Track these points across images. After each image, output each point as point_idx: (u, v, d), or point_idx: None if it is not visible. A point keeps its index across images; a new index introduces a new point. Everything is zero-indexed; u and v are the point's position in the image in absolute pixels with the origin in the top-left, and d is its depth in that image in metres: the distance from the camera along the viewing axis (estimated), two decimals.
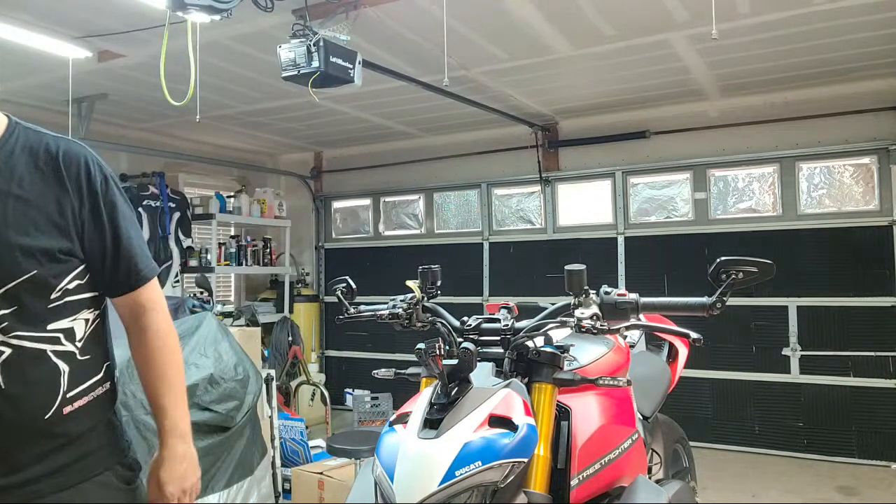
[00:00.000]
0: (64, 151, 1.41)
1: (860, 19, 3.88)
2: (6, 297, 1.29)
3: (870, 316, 5.10)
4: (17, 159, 1.37)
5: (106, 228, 1.43)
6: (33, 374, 1.31)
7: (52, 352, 1.33)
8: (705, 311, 1.60)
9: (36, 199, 1.35)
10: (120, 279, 1.46)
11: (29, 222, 1.33)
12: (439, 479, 1.33)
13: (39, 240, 1.33)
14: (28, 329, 1.31)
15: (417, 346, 1.57)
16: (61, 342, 1.35)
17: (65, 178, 1.39)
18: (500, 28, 3.94)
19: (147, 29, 3.73)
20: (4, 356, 1.28)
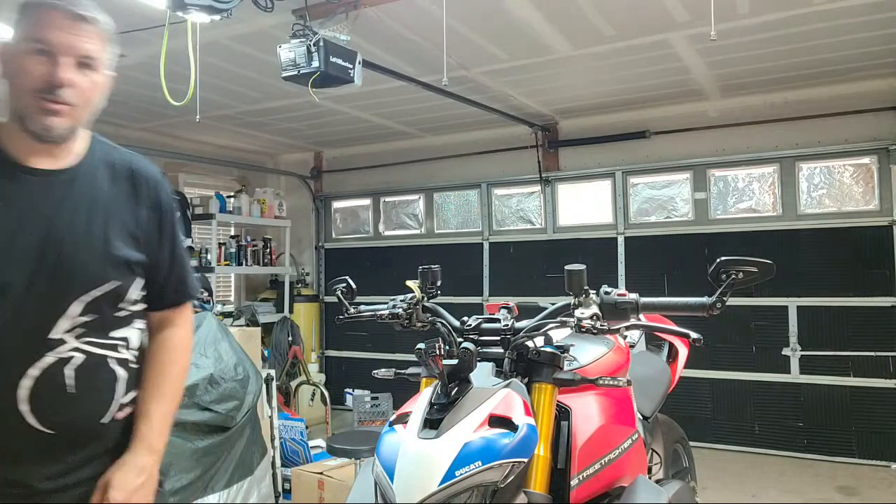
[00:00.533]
0: (138, 167, 1.50)
1: (860, 19, 3.88)
2: (88, 305, 1.33)
3: (870, 316, 5.10)
4: (100, 173, 1.42)
5: (167, 246, 1.50)
6: (98, 380, 1.35)
7: (112, 358, 1.38)
8: (705, 311, 1.60)
9: (116, 211, 1.41)
10: (168, 295, 1.53)
11: (113, 234, 1.39)
12: (439, 479, 1.33)
13: (121, 251, 1.39)
14: (97, 336, 1.35)
15: (417, 346, 1.57)
16: (120, 350, 1.40)
17: (140, 193, 1.46)
18: (500, 28, 3.94)
19: (147, 29, 3.73)
20: (79, 361, 1.31)
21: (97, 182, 1.41)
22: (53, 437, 1.30)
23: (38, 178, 1.34)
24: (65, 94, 1.31)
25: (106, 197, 1.41)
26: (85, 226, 1.36)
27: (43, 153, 1.35)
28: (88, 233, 1.36)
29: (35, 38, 1.29)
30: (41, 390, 1.28)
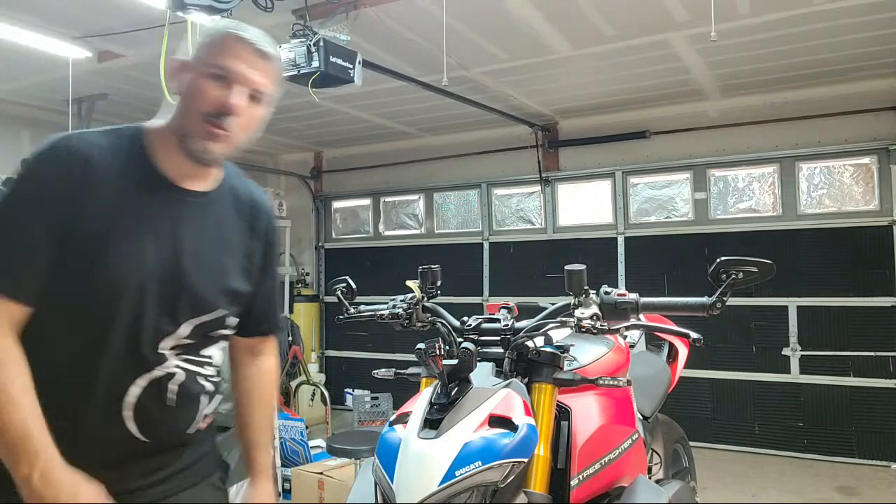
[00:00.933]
0: (256, 199, 1.53)
1: (860, 19, 3.88)
2: (196, 328, 1.38)
3: (870, 316, 5.10)
4: (227, 201, 1.47)
5: (268, 280, 1.56)
6: (191, 395, 1.41)
7: (201, 375, 1.43)
8: (705, 311, 1.60)
9: (237, 243, 1.47)
10: (262, 325, 1.59)
11: (230, 265, 1.45)
12: (439, 479, 1.33)
13: (235, 283, 1.45)
14: (192, 354, 1.41)
15: (417, 346, 1.57)
16: (206, 367, 1.45)
17: (256, 227, 1.50)
18: (500, 28, 3.94)
19: (147, 29, 3.73)
20: (181, 378, 1.38)
21: (225, 210, 1.45)
22: (145, 445, 1.35)
23: (181, 198, 1.37)
24: (230, 121, 1.34)
25: (230, 226, 1.46)
26: (210, 252, 1.41)
27: (189, 173, 1.38)
28: (211, 260, 1.41)
29: (217, 64, 1.33)
30: (145, 400, 1.33)
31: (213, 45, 1.36)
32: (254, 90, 1.37)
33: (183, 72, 1.36)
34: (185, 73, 1.35)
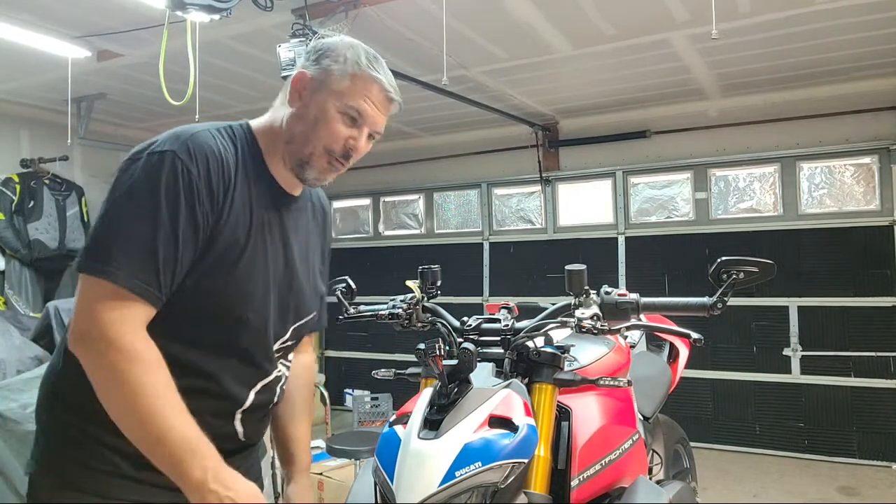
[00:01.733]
0: (322, 199, 1.58)
1: (860, 19, 3.88)
2: (295, 330, 1.44)
3: (871, 316, 5.10)
4: (308, 205, 1.51)
5: (327, 278, 1.62)
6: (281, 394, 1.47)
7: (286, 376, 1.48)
8: (706, 311, 1.59)
9: (315, 244, 1.52)
10: (317, 324, 1.61)
11: (317, 266, 1.52)
12: (439, 480, 1.32)
13: (321, 284, 1.52)
14: (286, 357, 1.47)
15: (417, 347, 1.56)
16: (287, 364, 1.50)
17: (325, 228, 1.57)
18: (500, 27, 3.94)
19: (146, 28, 3.73)
20: (283, 380, 1.44)
21: (309, 213, 1.50)
22: (239, 444, 1.37)
23: (288, 204, 1.40)
24: (351, 159, 1.37)
25: (312, 229, 1.51)
26: (307, 256, 1.45)
27: (291, 182, 1.40)
28: (308, 263, 1.46)
29: (353, 107, 1.33)
30: (257, 403, 1.36)
31: (354, 84, 1.34)
32: (375, 132, 1.40)
33: (312, 92, 1.33)
34: (315, 94, 1.33)
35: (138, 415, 1.13)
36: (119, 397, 1.14)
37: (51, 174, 5.45)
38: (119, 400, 1.14)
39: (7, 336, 3.46)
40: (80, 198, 5.66)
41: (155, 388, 1.13)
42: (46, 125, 5.50)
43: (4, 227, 5.16)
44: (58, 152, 5.32)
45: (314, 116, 1.32)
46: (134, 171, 1.20)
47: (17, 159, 5.41)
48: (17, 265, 5.28)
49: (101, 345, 1.13)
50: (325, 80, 1.33)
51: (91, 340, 1.14)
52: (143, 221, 1.17)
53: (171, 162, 1.19)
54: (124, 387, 1.12)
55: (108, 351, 1.12)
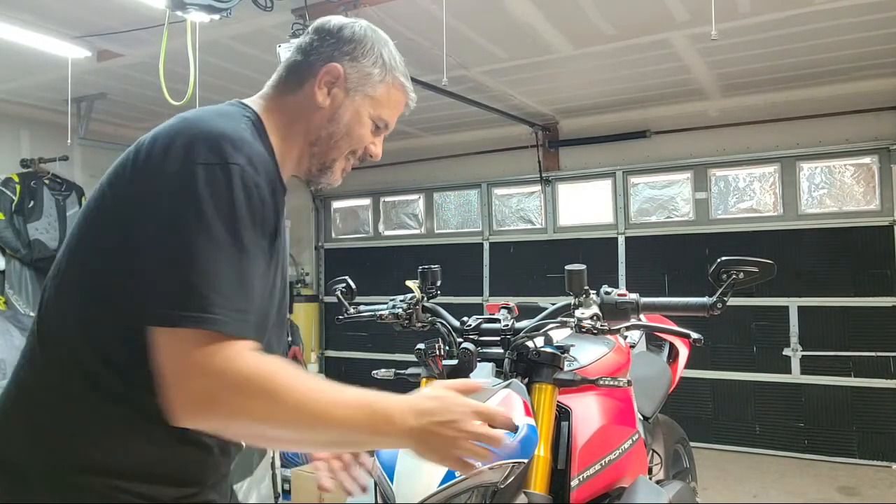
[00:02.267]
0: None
1: (860, 19, 3.88)
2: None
3: (871, 316, 5.10)
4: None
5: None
6: None
7: None
8: (706, 311, 1.59)
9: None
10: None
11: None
12: (439, 480, 1.32)
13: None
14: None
15: (417, 347, 1.56)
16: None
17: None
18: (500, 27, 3.93)
19: (146, 28, 3.73)
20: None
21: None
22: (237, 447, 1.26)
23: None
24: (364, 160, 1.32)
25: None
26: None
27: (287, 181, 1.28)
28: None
29: (384, 119, 1.28)
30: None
31: (389, 94, 1.28)
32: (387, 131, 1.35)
33: (346, 92, 1.23)
34: (350, 95, 1.23)
35: (308, 425, 1.02)
36: (279, 427, 1.02)
37: (51, 174, 5.45)
38: (281, 430, 1.03)
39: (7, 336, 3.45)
40: (80, 198, 5.65)
41: (303, 390, 1.01)
42: (46, 125, 5.50)
43: (4, 227, 5.16)
44: (58, 152, 5.32)
45: (348, 121, 1.23)
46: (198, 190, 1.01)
47: (17, 159, 5.41)
48: (17, 265, 5.28)
49: (230, 394, 0.98)
50: (361, 81, 1.24)
51: (221, 393, 0.98)
52: (230, 253, 1.01)
53: (242, 178, 1.03)
54: (279, 414, 1.00)
55: (241, 395, 0.98)
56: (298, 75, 1.24)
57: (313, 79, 1.22)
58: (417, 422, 1.04)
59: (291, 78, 1.25)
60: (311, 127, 1.23)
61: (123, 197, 1.07)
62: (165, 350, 0.98)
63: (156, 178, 1.03)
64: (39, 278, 5.39)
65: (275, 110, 1.23)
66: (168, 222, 1.00)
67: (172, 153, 1.03)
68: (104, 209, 1.10)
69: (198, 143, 1.04)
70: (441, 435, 1.04)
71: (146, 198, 1.03)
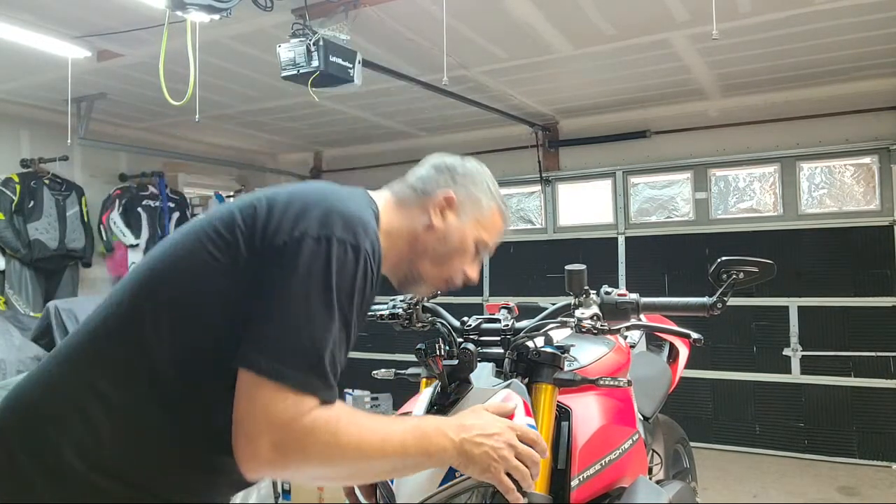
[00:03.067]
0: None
1: (860, 19, 3.87)
2: None
3: (871, 316, 5.10)
4: None
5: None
6: None
7: None
8: (706, 311, 1.59)
9: None
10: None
11: None
12: (439, 480, 1.32)
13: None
14: None
15: (417, 347, 1.56)
16: None
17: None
18: (500, 27, 3.93)
19: (146, 28, 3.73)
20: None
21: None
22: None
23: None
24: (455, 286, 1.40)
25: None
26: None
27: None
28: None
29: (489, 244, 1.40)
30: None
31: (494, 221, 1.39)
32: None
33: (457, 216, 1.34)
34: (460, 220, 1.34)
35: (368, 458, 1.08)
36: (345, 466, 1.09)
37: (51, 174, 5.45)
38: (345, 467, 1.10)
39: (7, 336, 3.45)
40: (80, 198, 5.65)
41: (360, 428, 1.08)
42: (46, 125, 5.50)
43: (4, 227, 5.16)
44: (58, 152, 5.32)
45: (456, 244, 1.34)
46: (330, 260, 1.07)
47: (17, 159, 5.41)
48: (17, 265, 5.27)
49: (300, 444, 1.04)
50: (472, 208, 1.35)
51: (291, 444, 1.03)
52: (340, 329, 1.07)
53: (365, 262, 1.11)
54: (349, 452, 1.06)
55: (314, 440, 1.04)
56: (416, 194, 1.35)
57: (431, 199, 1.34)
58: (460, 436, 1.14)
59: (410, 194, 1.35)
60: (420, 241, 1.33)
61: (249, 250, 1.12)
62: (256, 397, 1.02)
63: (290, 236, 1.09)
64: (39, 278, 5.39)
65: (393, 214, 1.31)
66: (299, 283, 1.05)
67: (308, 218, 1.09)
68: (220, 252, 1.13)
69: (334, 217, 1.10)
70: (483, 446, 1.15)
71: (276, 253, 1.09)
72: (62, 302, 3.74)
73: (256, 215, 1.13)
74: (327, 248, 1.06)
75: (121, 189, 5.91)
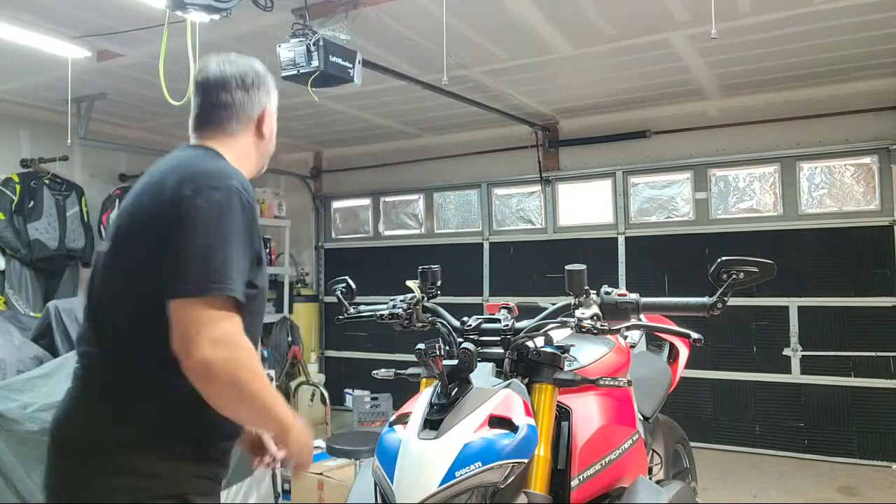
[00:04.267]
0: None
1: (860, 19, 3.88)
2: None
3: (871, 316, 5.09)
4: None
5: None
6: None
7: None
8: (706, 311, 1.59)
9: None
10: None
11: None
12: (439, 480, 1.32)
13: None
14: None
15: (417, 347, 1.56)
16: None
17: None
18: (500, 27, 3.93)
19: (146, 28, 3.73)
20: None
21: None
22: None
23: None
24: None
25: None
26: None
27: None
28: None
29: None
30: None
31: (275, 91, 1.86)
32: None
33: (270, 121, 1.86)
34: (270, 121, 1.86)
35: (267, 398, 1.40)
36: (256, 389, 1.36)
37: (51, 174, 5.45)
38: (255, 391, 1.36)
39: (7, 336, 3.45)
40: (80, 198, 5.65)
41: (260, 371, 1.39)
42: (46, 125, 5.50)
43: (4, 227, 5.16)
44: (58, 152, 5.32)
45: (270, 132, 1.86)
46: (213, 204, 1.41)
47: (17, 159, 5.41)
48: (17, 265, 5.27)
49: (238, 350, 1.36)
50: (272, 106, 1.83)
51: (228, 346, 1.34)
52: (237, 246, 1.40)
53: (241, 198, 1.44)
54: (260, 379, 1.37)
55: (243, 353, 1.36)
56: (241, 124, 1.72)
57: (256, 121, 1.75)
58: (298, 424, 1.50)
59: (236, 127, 1.71)
60: (261, 148, 1.83)
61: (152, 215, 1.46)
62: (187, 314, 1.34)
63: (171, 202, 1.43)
64: (39, 278, 5.39)
65: (231, 149, 1.65)
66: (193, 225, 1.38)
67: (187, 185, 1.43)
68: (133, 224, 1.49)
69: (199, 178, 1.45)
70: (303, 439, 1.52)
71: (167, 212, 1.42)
72: (62, 302, 3.74)
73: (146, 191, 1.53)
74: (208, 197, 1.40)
75: (121, 189, 5.91)
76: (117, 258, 1.48)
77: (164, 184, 1.44)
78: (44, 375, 2.95)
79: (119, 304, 1.45)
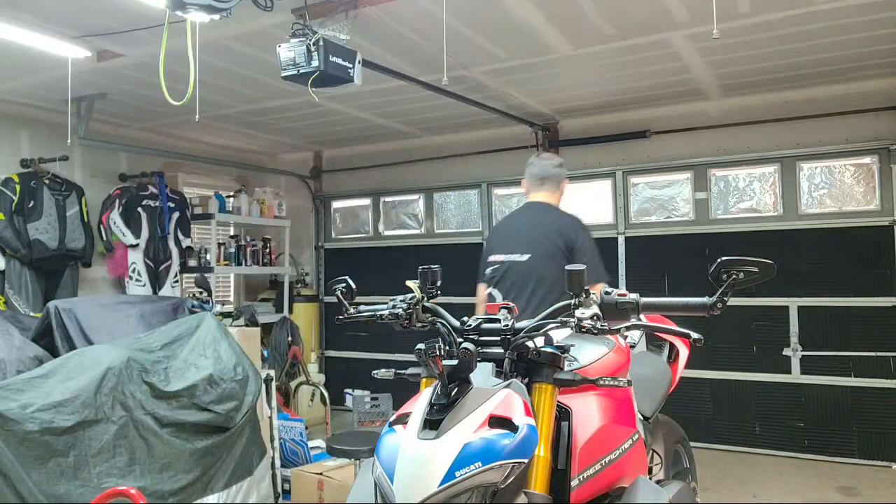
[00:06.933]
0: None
1: (860, 19, 3.88)
2: None
3: (871, 316, 5.10)
4: None
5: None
6: None
7: None
8: (706, 311, 1.59)
9: None
10: None
11: None
12: (439, 480, 1.32)
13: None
14: None
15: (417, 347, 1.56)
16: None
17: None
18: (500, 27, 3.93)
19: (146, 28, 3.73)
20: None
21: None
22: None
23: None
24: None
25: None
26: None
27: None
28: None
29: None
30: None
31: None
32: None
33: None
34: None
35: None
36: None
37: (51, 174, 5.45)
38: None
39: (7, 336, 3.45)
40: (80, 198, 5.65)
41: None
42: (46, 125, 5.50)
43: (4, 227, 5.16)
44: (58, 152, 5.31)
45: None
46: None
47: (17, 159, 5.41)
48: (17, 265, 5.27)
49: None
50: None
51: None
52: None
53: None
54: None
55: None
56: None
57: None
58: None
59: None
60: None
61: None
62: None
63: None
64: (39, 278, 5.39)
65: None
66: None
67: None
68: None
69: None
70: None
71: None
72: (62, 302, 3.74)
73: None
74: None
75: (120, 189, 5.91)
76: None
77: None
78: (44, 375, 2.94)
79: None
